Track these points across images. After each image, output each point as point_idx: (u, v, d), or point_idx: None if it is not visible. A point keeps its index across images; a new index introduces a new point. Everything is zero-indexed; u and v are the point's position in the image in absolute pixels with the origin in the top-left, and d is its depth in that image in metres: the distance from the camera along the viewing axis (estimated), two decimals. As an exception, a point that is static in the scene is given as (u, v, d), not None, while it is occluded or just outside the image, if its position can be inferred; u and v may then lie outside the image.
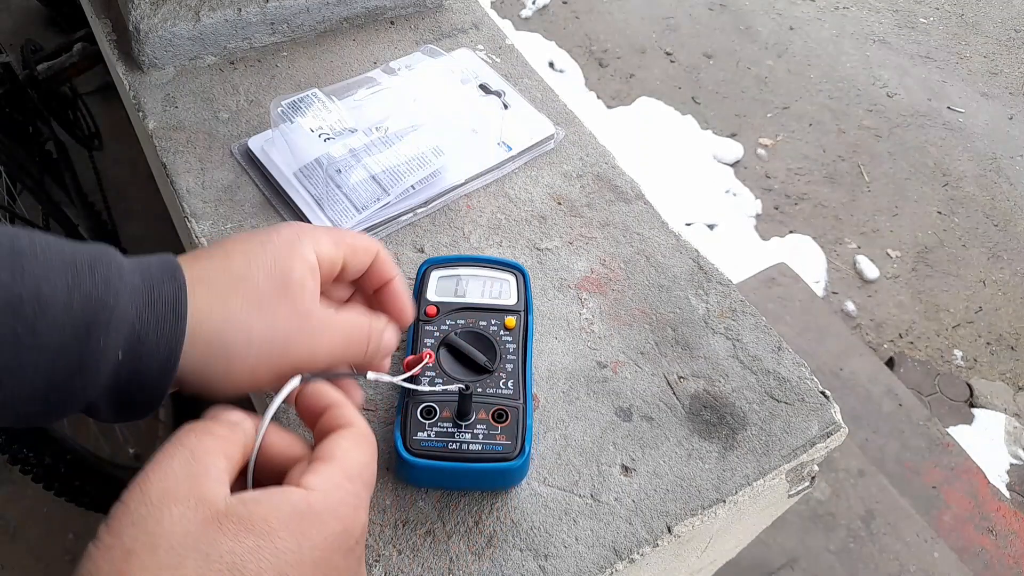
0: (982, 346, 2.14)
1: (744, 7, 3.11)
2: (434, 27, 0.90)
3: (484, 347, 0.51)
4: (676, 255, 0.68)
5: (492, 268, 0.57)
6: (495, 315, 0.53)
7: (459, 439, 0.46)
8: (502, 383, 0.50)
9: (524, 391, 0.50)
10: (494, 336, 0.52)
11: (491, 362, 0.50)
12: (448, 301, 0.54)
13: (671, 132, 2.53)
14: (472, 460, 0.46)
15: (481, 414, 0.48)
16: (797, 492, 0.62)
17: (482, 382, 0.49)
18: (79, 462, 1.15)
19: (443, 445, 0.46)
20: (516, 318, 0.53)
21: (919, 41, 3.07)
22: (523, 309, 0.55)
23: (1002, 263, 2.34)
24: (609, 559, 0.50)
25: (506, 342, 0.52)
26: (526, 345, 0.52)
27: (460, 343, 0.51)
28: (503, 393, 0.49)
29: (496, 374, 0.50)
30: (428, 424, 0.47)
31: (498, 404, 0.48)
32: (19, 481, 1.18)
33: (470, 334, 0.52)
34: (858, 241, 2.34)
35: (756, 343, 0.62)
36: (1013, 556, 1.50)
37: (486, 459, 0.46)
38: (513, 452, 0.46)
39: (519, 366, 0.51)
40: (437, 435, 0.46)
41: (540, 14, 2.97)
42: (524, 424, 0.48)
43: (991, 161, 2.63)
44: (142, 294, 0.33)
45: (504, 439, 0.47)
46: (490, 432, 0.47)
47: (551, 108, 0.80)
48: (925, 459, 1.59)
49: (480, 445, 0.46)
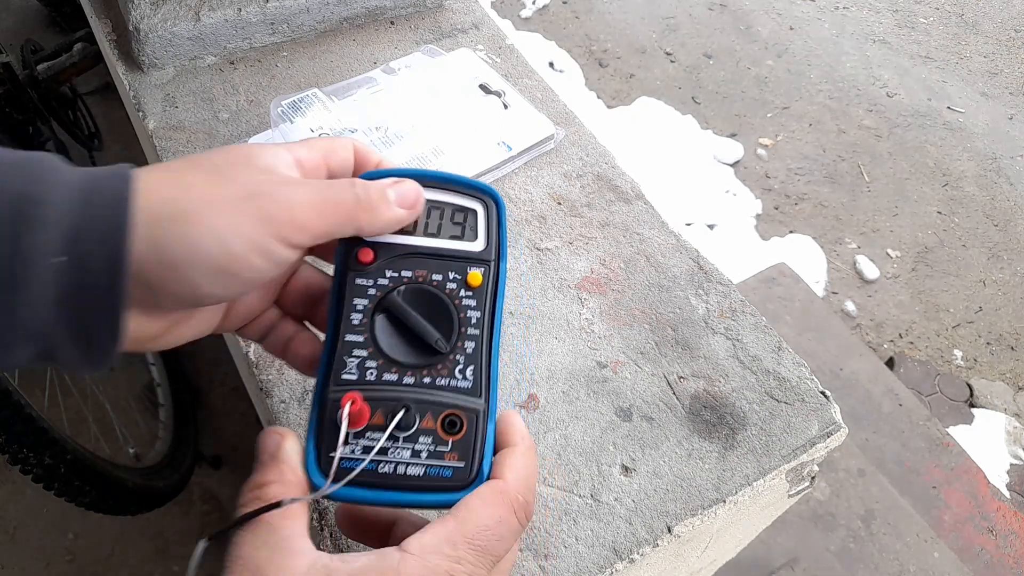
0: (982, 346, 2.13)
1: (744, 7, 3.10)
2: (434, 27, 0.90)
3: (438, 316, 0.36)
4: (676, 255, 0.68)
5: (452, 191, 0.38)
6: (455, 265, 0.37)
7: (394, 458, 0.33)
8: (458, 372, 0.35)
9: (488, 386, 0.35)
10: (452, 298, 0.36)
11: (446, 340, 0.35)
12: (390, 241, 0.37)
13: (671, 132, 2.53)
14: (410, 488, 0.33)
15: (427, 421, 0.34)
16: (797, 492, 0.62)
17: (431, 370, 0.35)
18: (79, 462, 1.15)
19: (372, 467, 0.33)
20: (483, 271, 0.37)
21: (919, 41, 3.07)
22: (493, 258, 0.37)
23: (1002, 263, 2.34)
24: (609, 559, 0.50)
25: (468, 308, 0.36)
26: (494, 314, 0.37)
27: (403, 310, 0.36)
28: (459, 387, 0.35)
29: (452, 358, 0.35)
30: (353, 434, 0.33)
31: (451, 406, 0.34)
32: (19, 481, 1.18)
33: (419, 294, 0.36)
34: (858, 241, 2.34)
35: (756, 343, 0.62)
36: (1013, 556, 1.50)
37: (429, 487, 0.33)
38: (466, 477, 0.33)
39: (482, 346, 0.36)
40: (364, 450, 0.33)
41: (540, 14, 2.97)
42: (483, 436, 0.34)
43: (991, 161, 2.63)
44: (81, 189, 0.28)
45: (455, 458, 0.34)
46: (437, 448, 0.34)
47: (551, 108, 0.80)
48: (925, 459, 1.59)
49: (422, 468, 0.33)
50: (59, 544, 1.43)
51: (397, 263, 0.37)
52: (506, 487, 0.32)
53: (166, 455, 1.43)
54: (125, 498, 1.26)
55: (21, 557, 1.42)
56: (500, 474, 0.32)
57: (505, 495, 0.31)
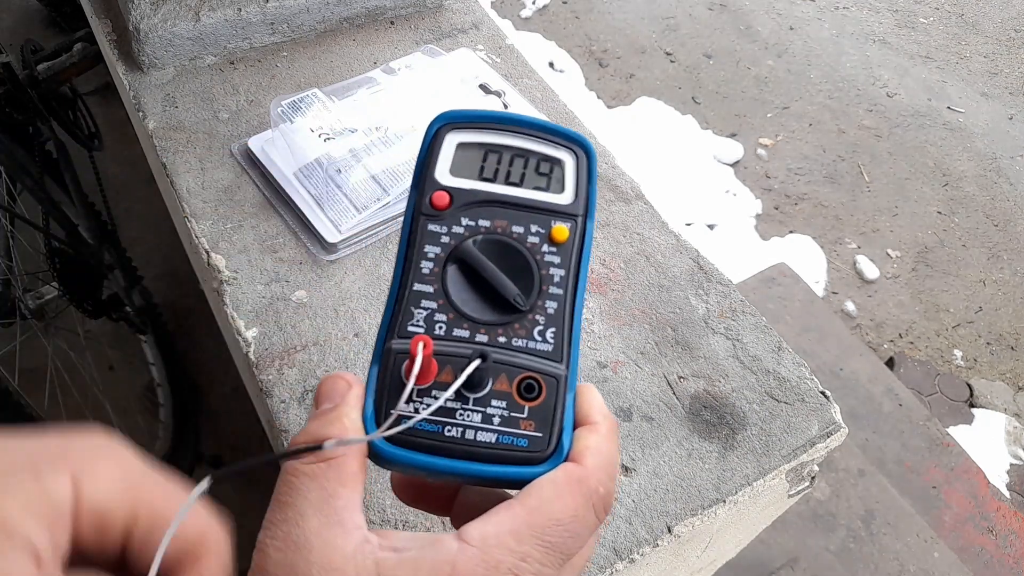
0: (982, 346, 2.13)
1: (744, 7, 3.10)
2: (434, 27, 0.90)
3: (517, 271, 0.33)
4: (676, 255, 0.68)
5: (542, 140, 0.35)
6: (538, 218, 0.34)
7: (463, 421, 0.30)
8: (538, 333, 0.32)
9: (569, 350, 0.32)
10: (534, 253, 0.33)
11: (525, 297, 0.33)
12: (468, 187, 0.34)
13: (671, 132, 2.53)
14: (480, 458, 0.30)
15: (501, 383, 0.31)
16: (797, 492, 0.62)
17: (507, 329, 0.32)
18: (79, 462, 1.15)
19: (437, 429, 0.30)
20: (571, 227, 0.34)
21: (919, 41, 3.07)
22: (581, 213, 0.34)
23: (1002, 263, 2.34)
24: (609, 559, 0.50)
25: (551, 265, 0.33)
26: (578, 273, 0.33)
27: (480, 261, 0.33)
28: (538, 349, 0.32)
29: (531, 317, 0.32)
30: (417, 391, 0.30)
31: (529, 369, 0.31)
32: (19, 481, 1.18)
33: (497, 246, 0.33)
34: (858, 241, 2.34)
35: (756, 343, 0.62)
36: (1013, 556, 1.50)
37: (501, 458, 0.30)
38: (544, 449, 0.30)
39: (565, 308, 0.33)
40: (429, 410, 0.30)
41: (540, 14, 2.97)
42: (564, 405, 0.31)
43: (991, 161, 2.63)
44: None
45: (532, 427, 0.30)
46: (512, 414, 0.30)
47: (551, 108, 0.80)
48: (925, 459, 1.59)
49: (494, 434, 0.30)
50: (59, 544, 1.43)
51: (474, 211, 0.34)
52: (585, 474, 0.28)
53: (166, 455, 1.43)
54: (125, 498, 1.26)
55: (21, 557, 1.42)
56: (578, 457, 0.28)
57: (583, 484, 0.27)
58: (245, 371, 0.68)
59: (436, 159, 0.35)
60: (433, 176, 0.34)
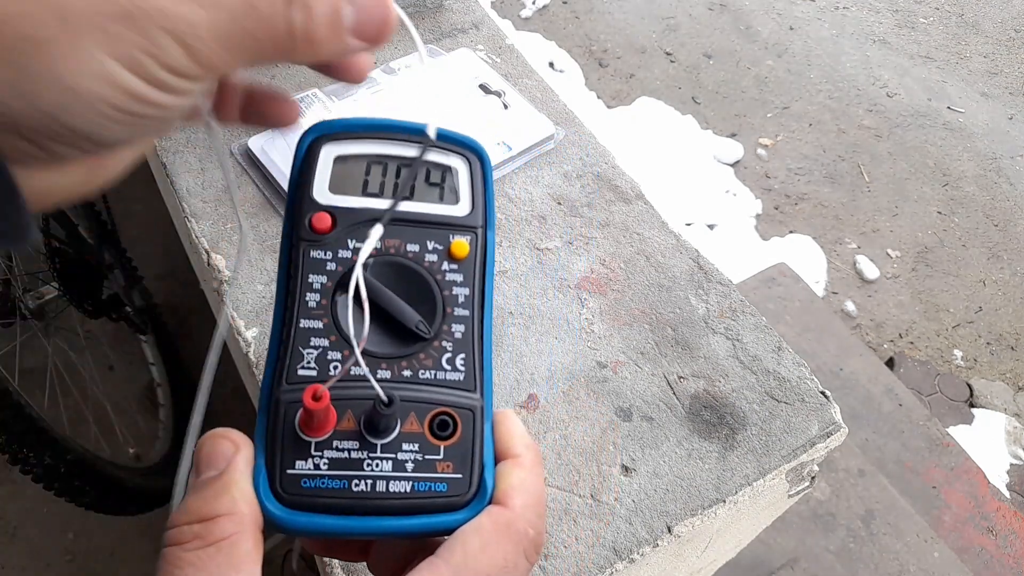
0: (982, 346, 2.14)
1: (744, 7, 3.11)
2: (434, 27, 0.90)
3: (416, 294, 0.29)
4: (676, 255, 0.68)
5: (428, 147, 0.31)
6: (434, 233, 0.30)
7: (372, 471, 0.26)
8: (446, 361, 0.29)
9: (482, 377, 0.29)
10: (433, 273, 0.30)
11: (428, 323, 0.29)
12: (352, 206, 0.30)
13: (671, 132, 2.53)
14: (395, 511, 0.26)
15: (411, 423, 0.27)
16: (797, 492, 0.62)
17: (412, 361, 0.28)
18: (79, 462, 1.15)
19: (343, 485, 0.26)
20: (469, 240, 0.30)
21: (919, 41, 3.07)
22: (480, 224, 0.31)
23: (1002, 263, 2.34)
24: (609, 559, 0.50)
25: (454, 284, 0.30)
26: (483, 291, 0.30)
27: (375, 288, 0.28)
28: (448, 380, 0.28)
29: (437, 344, 0.29)
30: (316, 444, 0.26)
31: (441, 403, 0.28)
32: (19, 481, 1.18)
33: (391, 269, 0.29)
34: (858, 241, 2.34)
35: (756, 343, 0.62)
36: (1013, 556, 1.50)
37: (419, 508, 0.26)
38: (465, 492, 0.27)
39: (473, 330, 0.29)
40: (332, 464, 0.26)
41: (540, 14, 2.97)
42: (482, 439, 0.28)
43: (991, 161, 2.63)
44: None
45: (450, 469, 0.27)
46: (426, 457, 0.27)
47: (551, 108, 0.80)
48: (925, 459, 1.59)
49: (408, 482, 0.26)
50: (59, 544, 1.43)
51: (362, 231, 0.29)
52: (512, 517, 0.25)
53: (166, 455, 1.43)
54: (125, 498, 1.26)
55: (21, 557, 1.42)
56: (503, 498, 0.25)
57: (512, 529, 0.24)
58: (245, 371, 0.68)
59: (312, 176, 0.30)
60: (311, 196, 0.30)
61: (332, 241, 0.29)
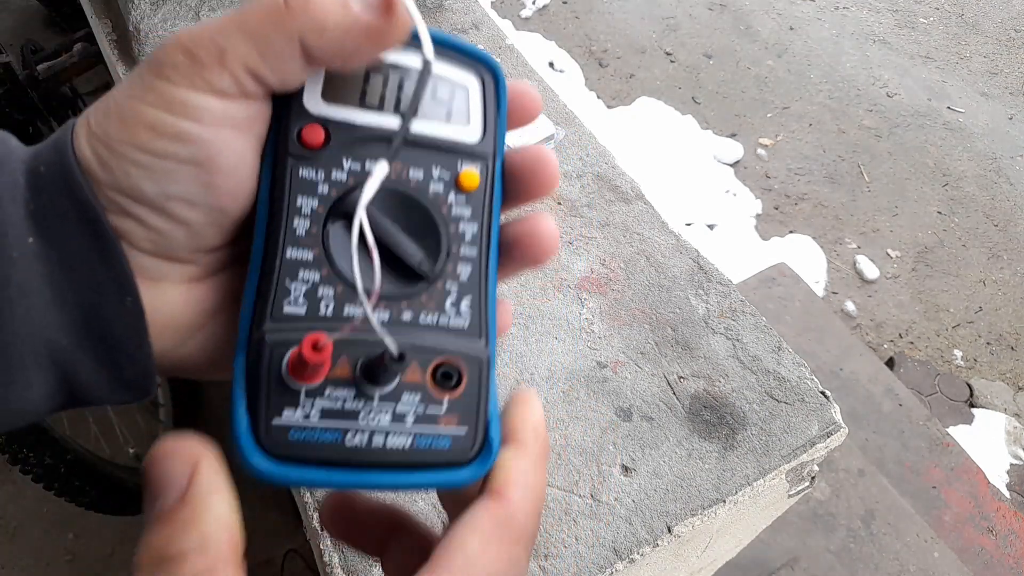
0: (982, 346, 2.14)
1: (744, 7, 3.11)
2: (434, 27, 0.90)
3: (418, 228, 0.26)
4: (676, 255, 0.68)
5: (437, 59, 0.27)
6: (442, 159, 0.27)
7: (368, 424, 0.24)
8: (450, 305, 0.26)
9: (487, 326, 0.26)
10: (439, 205, 0.26)
11: (432, 259, 0.26)
12: (348, 119, 0.26)
13: (671, 132, 2.53)
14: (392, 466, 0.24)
15: (412, 373, 0.24)
16: (797, 492, 0.62)
17: (413, 303, 0.25)
18: (79, 462, 1.15)
19: (336, 438, 0.23)
20: (480, 170, 0.27)
21: (919, 41, 3.07)
22: (491, 152, 0.27)
23: (1002, 263, 2.34)
24: (609, 559, 0.50)
25: (461, 219, 0.26)
26: (490, 229, 0.27)
27: (374, 219, 0.25)
28: (452, 327, 0.25)
29: (441, 286, 0.26)
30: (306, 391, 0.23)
31: (445, 352, 0.25)
32: (19, 481, 1.18)
33: (392, 198, 0.26)
34: (858, 241, 2.34)
35: (756, 343, 0.62)
36: (1013, 556, 1.50)
37: (419, 463, 0.24)
38: (468, 449, 0.25)
39: (480, 272, 0.26)
40: (325, 414, 0.23)
41: (540, 14, 2.97)
42: (487, 392, 0.25)
43: (991, 161, 2.63)
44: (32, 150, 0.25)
45: (453, 423, 0.24)
46: (428, 410, 0.24)
47: (551, 108, 0.80)
48: (925, 459, 1.60)
49: (408, 437, 0.24)
50: (59, 544, 1.43)
51: (359, 150, 0.26)
52: (511, 512, 0.23)
53: (166, 455, 1.42)
54: (125, 498, 1.26)
55: (21, 557, 1.42)
56: (501, 490, 0.24)
57: (511, 527, 0.23)
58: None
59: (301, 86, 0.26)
60: (301, 102, 0.25)
61: (325, 159, 0.25)
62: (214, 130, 0.23)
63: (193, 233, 0.25)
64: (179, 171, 0.23)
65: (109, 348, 0.24)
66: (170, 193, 0.24)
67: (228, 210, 0.25)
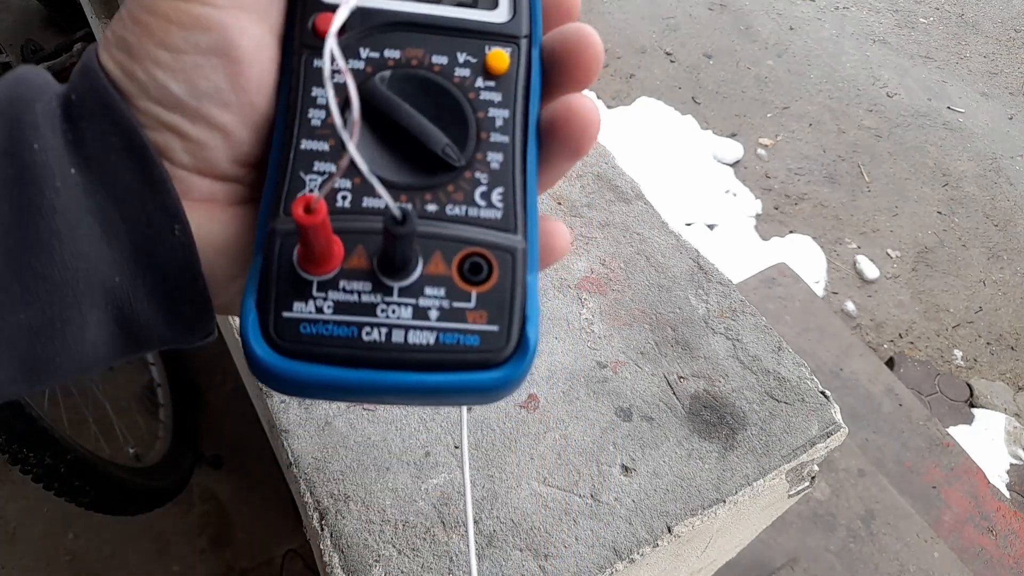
0: (982, 346, 2.14)
1: (744, 7, 3.11)
2: None
3: (443, 115, 0.24)
4: (676, 255, 0.68)
5: None
6: (466, 43, 0.25)
7: (387, 319, 0.22)
8: (480, 196, 0.24)
9: (525, 218, 0.24)
10: (464, 90, 0.24)
11: (458, 148, 0.24)
12: (367, 4, 0.25)
13: (671, 132, 2.53)
14: (413, 366, 0.22)
15: (436, 264, 0.22)
16: (797, 492, 0.62)
17: (438, 193, 0.23)
18: (79, 462, 1.15)
19: (352, 333, 0.21)
20: (510, 52, 0.25)
21: (919, 41, 3.07)
22: (524, 34, 0.25)
23: (1002, 263, 2.34)
24: (609, 559, 0.50)
25: (490, 105, 0.24)
26: (527, 115, 0.25)
27: (393, 103, 0.24)
28: (483, 218, 0.23)
29: (469, 175, 0.24)
30: (319, 283, 0.22)
31: (472, 242, 0.23)
32: (19, 481, 1.18)
33: (413, 84, 0.24)
34: (858, 241, 2.34)
35: (756, 343, 0.62)
36: (1013, 556, 1.50)
37: (444, 363, 0.22)
38: (501, 348, 0.22)
39: (514, 160, 0.24)
40: (339, 308, 0.22)
41: (540, 14, 2.97)
42: (524, 287, 0.23)
43: (991, 161, 2.63)
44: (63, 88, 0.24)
45: (482, 319, 0.22)
46: (454, 304, 0.22)
47: (551, 108, 0.80)
48: (925, 459, 1.59)
49: (432, 333, 0.22)
50: (59, 544, 1.43)
51: (377, 38, 0.24)
52: None
53: (166, 455, 1.43)
54: (125, 498, 1.26)
55: (21, 557, 1.42)
56: None
57: None
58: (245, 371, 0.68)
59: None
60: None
61: (342, 48, 0.24)
62: (231, 14, 0.23)
63: (231, 140, 0.24)
64: (204, 65, 0.23)
65: (164, 282, 0.23)
66: (199, 90, 0.23)
67: (257, 104, 0.24)
